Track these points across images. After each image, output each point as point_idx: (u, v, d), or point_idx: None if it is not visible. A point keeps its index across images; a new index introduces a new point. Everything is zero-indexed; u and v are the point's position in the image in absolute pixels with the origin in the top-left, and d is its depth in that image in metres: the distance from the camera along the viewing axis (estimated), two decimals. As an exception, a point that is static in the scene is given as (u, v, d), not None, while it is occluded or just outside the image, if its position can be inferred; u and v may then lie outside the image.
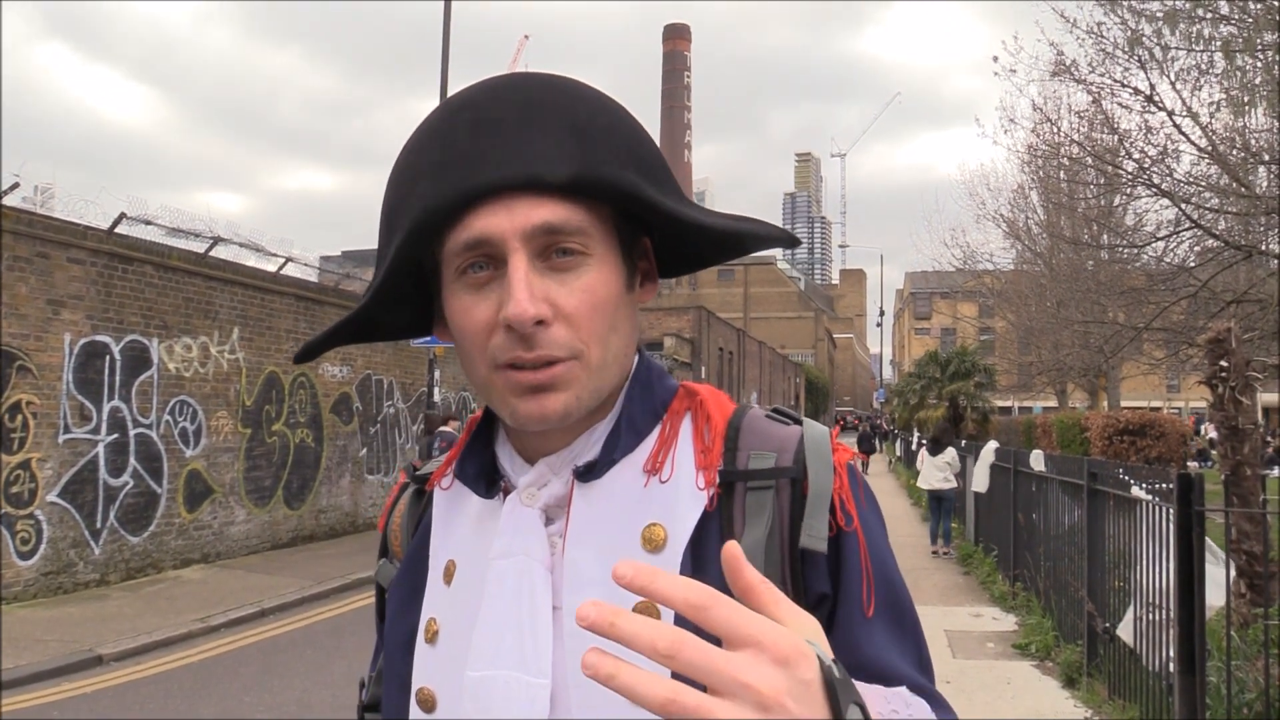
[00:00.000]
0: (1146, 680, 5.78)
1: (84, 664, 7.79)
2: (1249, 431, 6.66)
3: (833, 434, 0.96)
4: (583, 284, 0.87)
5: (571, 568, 0.90)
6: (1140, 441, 14.79)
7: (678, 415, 0.97)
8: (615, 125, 0.90)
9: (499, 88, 0.90)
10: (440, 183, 0.85)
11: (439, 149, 0.87)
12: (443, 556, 0.99)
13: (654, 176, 0.91)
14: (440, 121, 0.90)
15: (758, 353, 56.16)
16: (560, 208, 0.85)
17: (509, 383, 0.88)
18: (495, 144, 0.85)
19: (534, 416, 0.88)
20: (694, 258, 1.03)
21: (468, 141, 0.86)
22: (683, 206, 0.92)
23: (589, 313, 0.87)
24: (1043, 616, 8.72)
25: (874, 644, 0.89)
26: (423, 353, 16.41)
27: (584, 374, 0.88)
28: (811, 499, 0.90)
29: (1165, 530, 5.35)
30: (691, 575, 0.87)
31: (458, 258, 0.87)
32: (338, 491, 15.22)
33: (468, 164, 0.85)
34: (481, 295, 0.87)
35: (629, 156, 0.89)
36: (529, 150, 0.85)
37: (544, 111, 0.87)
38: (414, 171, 0.89)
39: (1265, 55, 8.41)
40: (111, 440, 10.84)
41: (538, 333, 0.85)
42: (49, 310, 10.11)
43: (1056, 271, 20.93)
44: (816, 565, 0.90)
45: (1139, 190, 11.79)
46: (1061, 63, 11.03)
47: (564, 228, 0.86)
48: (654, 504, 0.91)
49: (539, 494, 0.94)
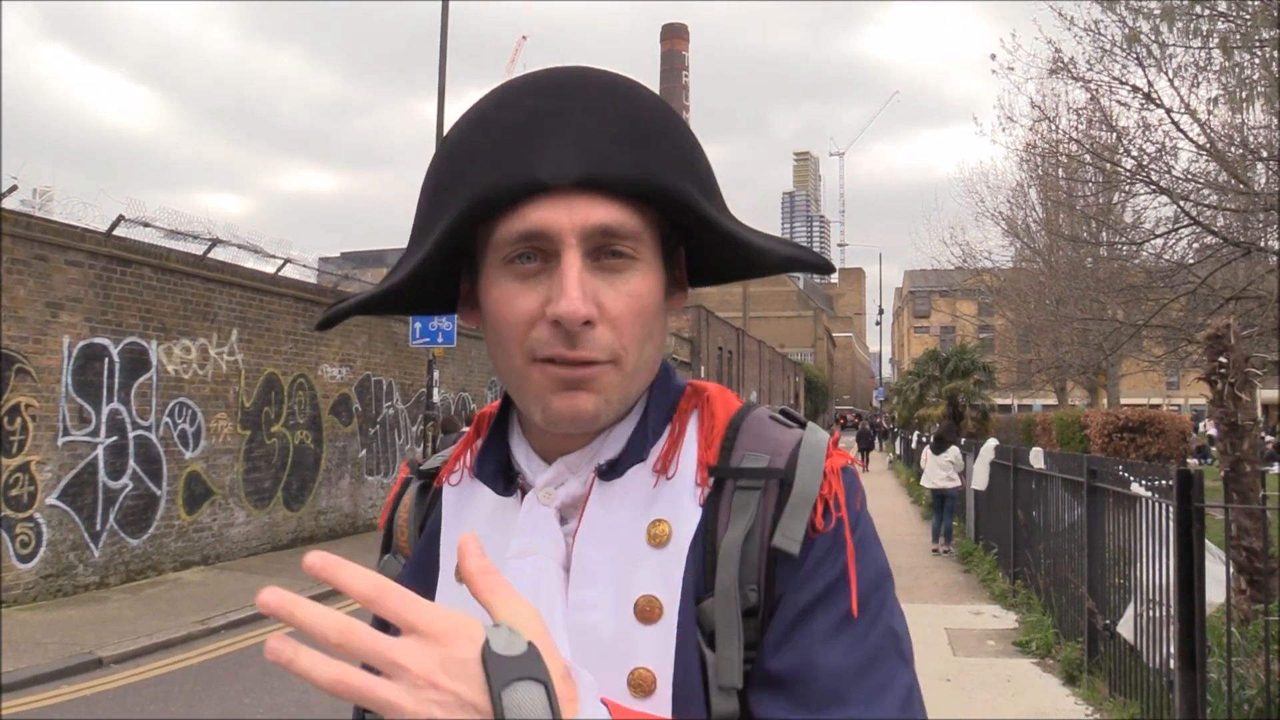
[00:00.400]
0: (1147, 677, 5.79)
1: (84, 666, 7.79)
2: (1248, 428, 6.65)
3: (833, 438, 0.96)
4: (630, 288, 0.87)
5: (579, 563, 0.90)
6: (1140, 438, 14.80)
7: (685, 414, 0.98)
8: (676, 134, 0.91)
9: (564, 79, 0.90)
10: (499, 169, 0.84)
11: (499, 133, 0.86)
12: (454, 554, 0.96)
13: (707, 189, 0.91)
14: (501, 105, 0.89)
15: (757, 352, 56.18)
16: (618, 210, 0.85)
17: (545, 376, 0.87)
18: (558, 137, 0.84)
19: (565, 415, 0.87)
20: (722, 271, 1.03)
21: (529, 130, 0.85)
22: (732, 223, 0.93)
23: (632, 318, 0.87)
24: (1043, 614, 8.72)
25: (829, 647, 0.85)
26: (422, 353, 16.40)
27: (618, 379, 0.88)
28: (793, 501, 0.90)
29: (1165, 527, 5.35)
30: (692, 569, 0.89)
31: (508, 246, 0.86)
32: (337, 493, 15.22)
33: (528, 154, 0.84)
34: (527, 286, 0.86)
35: (687, 167, 0.89)
36: (592, 148, 0.84)
37: (608, 111, 0.87)
38: (469, 152, 0.88)
39: (1263, 51, 8.41)
40: (111, 443, 10.83)
41: (583, 332, 0.85)
42: (47, 313, 10.10)
43: (1055, 269, 20.95)
44: (789, 566, 0.88)
45: (1137, 187, 11.79)
46: (1060, 60, 11.04)
47: (619, 230, 0.86)
48: (661, 500, 0.91)
49: (556, 493, 0.93)
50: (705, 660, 0.87)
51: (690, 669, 0.86)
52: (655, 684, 0.85)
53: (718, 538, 0.90)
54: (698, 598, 0.88)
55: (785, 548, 0.88)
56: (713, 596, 0.88)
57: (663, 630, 0.86)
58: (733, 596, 0.87)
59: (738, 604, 0.87)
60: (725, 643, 0.87)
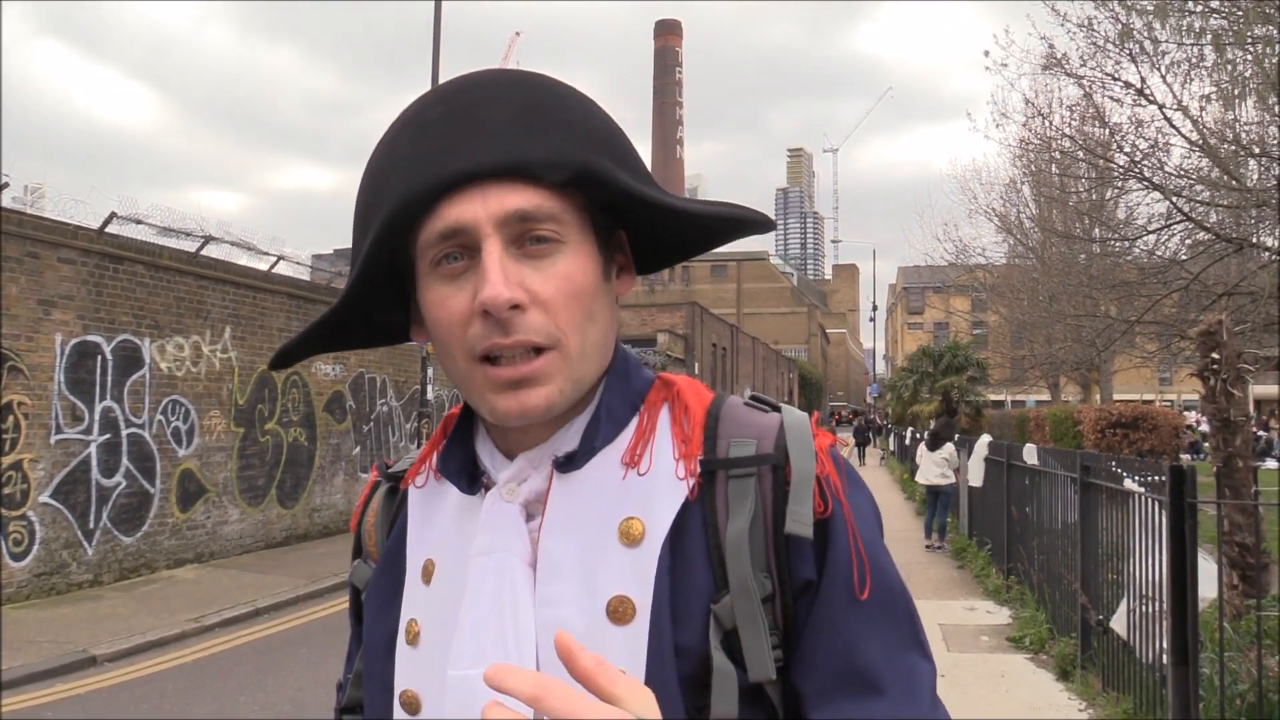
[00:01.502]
0: (1140, 672, 5.80)
1: (78, 665, 7.77)
2: (1241, 423, 6.68)
3: (812, 418, 0.95)
4: (558, 270, 0.86)
5: (546, 558, 0.89)
6: (1133, 434, 14.80)
7: (654, 406, 0.96)
8: (587, 115, 0.90)
9: (471, 82, 0.90)
10: (414, 175, 0.85)
11: (411, 143, 0.87)
12: (420, 556, 0.97)
13: (624, 162, 0.90)
14: (413, 117, 0.90)
15: (751, 348, 56.20)
16: (533, 194, 0.85)
17: (488, 378, 0.87)
18: (467, 134, 0.85)
19: (513, 413, 0.87)
20: (674, 249, 1.02)
21: (440, 134, 0.86)
22: (659, 193, 0.92)
23: (565, 299, 0.87)
24: (1036, 610, 8.74)
25: (861, 629, 0.88)
26: (416, 350, 16.39)
27: (564, 365, 0.87)
28: (795, 484, 0.90)
29: (1158, 523, 5.36)
30: (671, 568, 0.87)
31: (432, 249, 0.86)
32: (331, 490, 15.20)
33: (441, 155, 0.85)
34: (457, 285, 0.86)
35: (602, 144, 0.89)
36: (501, 138, 0.84)
37: (515, 102, 0.87)
38: (387, 168, 0.88)
39: (1255, 48, 8.42)
40: (104, 440, 10.81)
41: (514, 317, 0.84)
42: (40, 310, 10.07)
43: (1048, 265, 20.97)
44: (801, 551, 0.89)
45: (1130, 184, 11.82)
46: (1053, 56, 11.04)
47: (537, 214, 0.85)
48: (631, 497, 0.90)
49: (519, 489, 0.92)
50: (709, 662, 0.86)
51: (665, 670, 0.85)
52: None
53: (720, 532, 0.89)
54: (711, 595, 0.88)
55: (799, 533, 0.88)
56: (728, 593, 0.87)
57: (635, 631, 0.85)
58: (751, 588, 0.87)
59: (757, 595, 0.87)
60: (751, 636, 0.86)
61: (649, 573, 0.87)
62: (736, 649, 0.86)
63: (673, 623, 0.86)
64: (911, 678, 0.89)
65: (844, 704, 0.86)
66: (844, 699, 0.87)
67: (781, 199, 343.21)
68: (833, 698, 0.87)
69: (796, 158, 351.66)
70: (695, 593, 0.88)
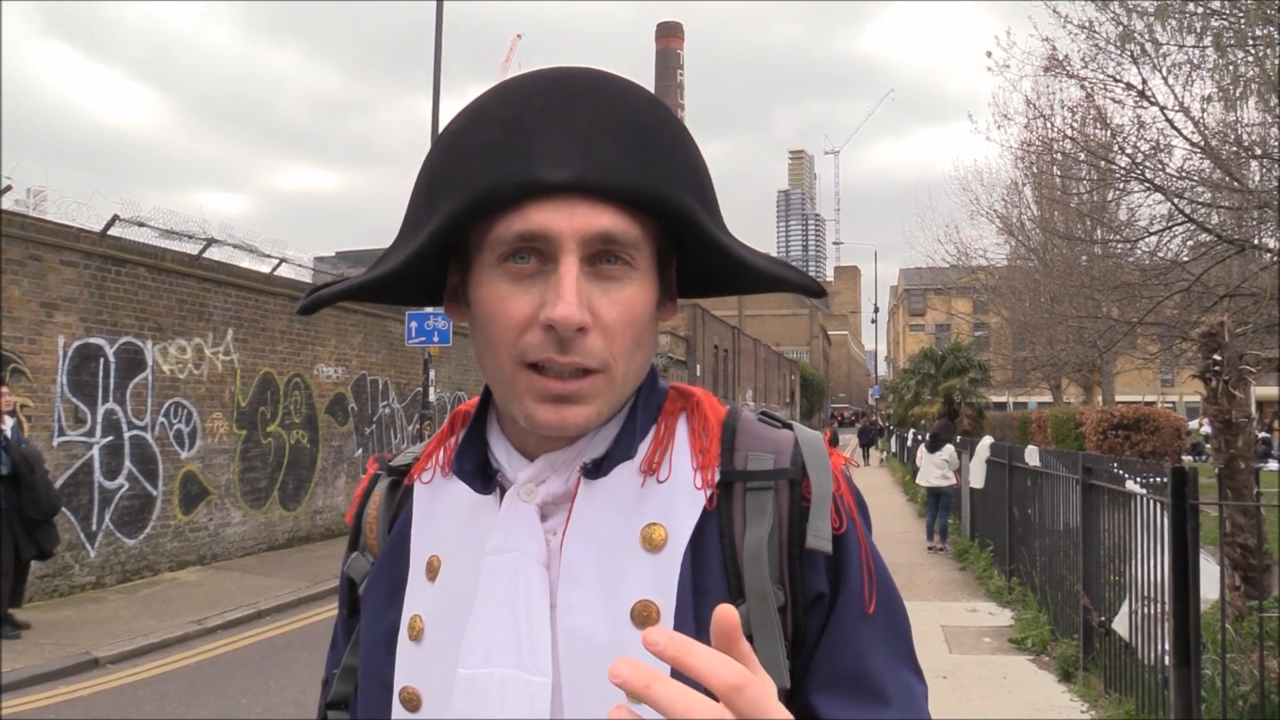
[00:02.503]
0: (1142, 674, 5.80)
1: (80, 667, 7.78)
2: (1242, 425, 6.68)
3: (824, 437, 0.97)
4: (624, 297, 0.86)
5: (568, 564, 0.89)
6: (1135, 436, 14.81)
7: (671, 416, 0.97)
8: (681, 144, 0.89)
9: (569, 78, 0.88)
10: (500, 166, 0.83)
11: (500, 130, 0.84)
12: (425, 552, 0.97)
13: (708, 204, 0.91)
14: (504, 101, 0.87)
15: (753, 350, 56.19)
16: (619, 218, 0.84)
17: (533, 386, 0.86)
18: (562, 137, 0.83)
19: (552, 425, 0.87)
20: (709, 284, 1.02)
21: (533, 128, 0.83)
22: (730, 240, 0.92)
23: (624, 327, 0.86)
24: (1039, 611, 8.74)
25: (869, 643, 0.91)
26: (417, 353, 16.39)
27: (607, 389, 0.88)
28: (815, 501, 0.91)
29: (1160, 524, 5.36)
30: (691, 575, 0.88)
31: (504, 245, 0.85)
32: (333, 492, 15.21)
33: (531, 152, 0.82)
34: (521, 288, 0.85)
35: (691, 179, 0.88)
36: (596, 152, 0.83)
37: (614, 114, 0.85)
38: (469, 146, 0.86)
39: (1256, 49, 8.43)
40: (106, 443, 10.82)
41: (576, 339, 0.83)
42: (42, 313, 10.08)
43: (1050, 267, 20.97)
44: (816, 565, 0.91)
45: (1132, 185, 11.81)
46: (1055, 58, 11.05)
47: (620, 239, 0.84)
48: (652, 504, 0.91)
49: (537, 490, 0.92)
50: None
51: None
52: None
53: (736, 542, 0.90)
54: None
55: (820, 547, 0.90)
56: (743, 601, 0.88)
57: None
58: (770, 597, 0.88)
59: (774, 604, 0.88)
60: (766, 645, 0.87)
61: (672, 578, 0.87)
62: None
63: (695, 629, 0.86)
64: (911, 691, 0.92)
65: (852, 708, 0.88)
66: (852, 704, 0.88)
67: (783, 201, 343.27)
68: (842, 702, 0.89)
69: (798, 159, 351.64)
70: (710, 600, 0.88)
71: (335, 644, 1.11)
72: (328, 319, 15.08)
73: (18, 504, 8.19)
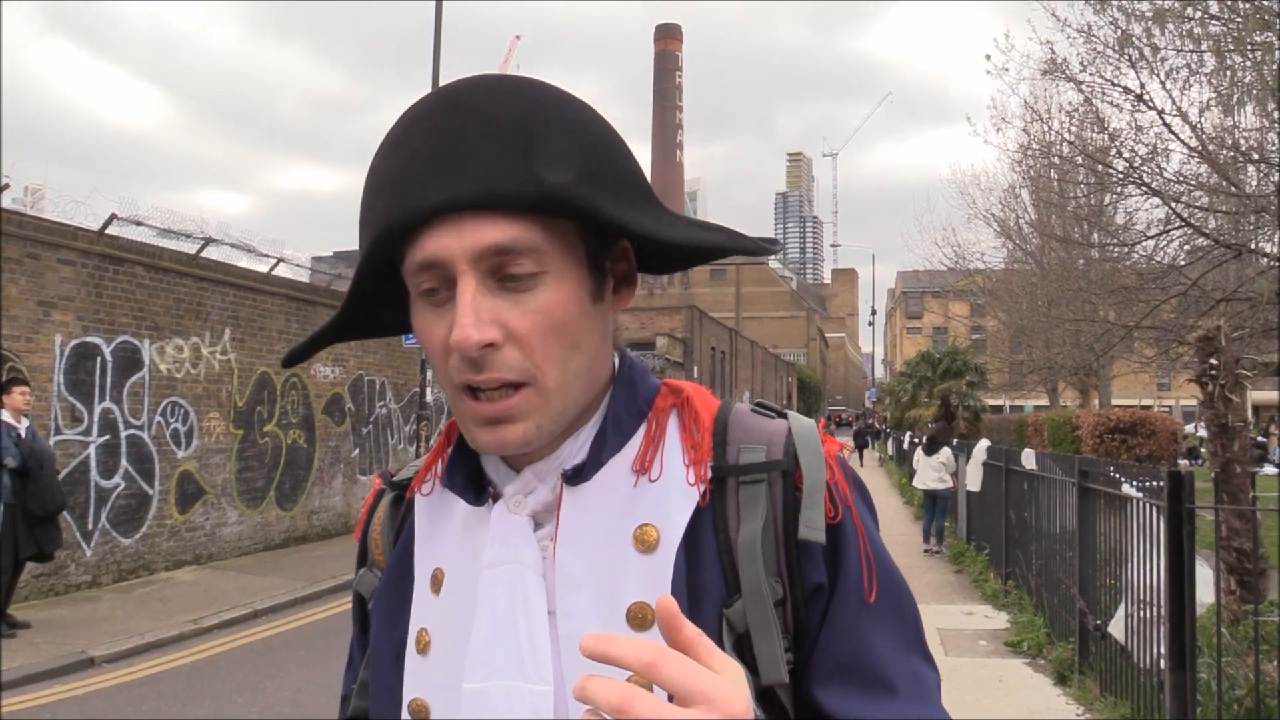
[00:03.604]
0: (1138, 677, 5.80)
1: (76, 666, 7.77)
2: (1239, 429, 6.69)
3: (819, 425, 0.97)
4: (537, 304, 0.84)
5: (562, 570, 0.89)
6: (1131, 439, 14.81)
7: (662, 413, 0.96)
8: (574, 134, 0.86)
9: (463, 94, 0.86)
10: (395, 199, 0.83)
11: (400, 159, 0.85)
12: (429, 565, 0.97)
13: (616, 187, 0.87)
14: (406, 127, 0.87)
15: (750, 352, 56.20)
16: (511, 227, 0.82)
17: (469, 410, 0.87)
18: (448, 158, 0.82)
19: (492, 446, 0.88)
20: (674, 260, 1.00)
21: (423, 154, 0.83)
22: (644, 219, 0.89)
23: (543, 335, 0.85)
24: (1034, 614, 8.75)
25: (872, 632, 0.90)
26: (415, 353, 16.40)
27: (540, 400, 0.86)
28: (807, 491, 0.90)
29: (1156, 528, 5.36)
30: (685, 573, 0.88)
31: (415, 276, 0.86)
32: (330, 492, 15.20)
33: (421, 180, 0.82)
34: (439, 315, 0.86)
35: (585, 168, 0.85)
36: (479, 165, 0.82)
37: (498, 122, 0.83)
38: (377, 182, 0.87)
39: (1254, 55, 8.44)
40: (103, 442, 10.81)
41: (487, 355, 0.83)
42: (39, 311, 10.07)
43: (1047, 270, 20.99)
44: (812, 556, 0.90)
45: (1129, 189, 11.81)
46: (1053, 61, 11.06)
47: (514, 247, 0.83)
48: (644, 504, 0.90)
49: (526, 500, 0.92)
50: None
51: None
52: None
53: (731, 537, 0.90)
54: (723, 601, 0.88)
55: (813, 538, 0.89)
56: (740, 597, 0.88)
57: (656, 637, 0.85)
58: (765, 592, 0.88)
59: (770, 599, 0.88)
60: (764, 640, 0.87)
61: (666, 577, 0.87)
62: (748, 653, 0.87)
63: None
64: (920, 679, 0.91)
65: (857, 699, 0.88)
66: (857, 695, 0.88)
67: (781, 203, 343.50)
68: (846, 693, 0.88)
69: (796, 162, 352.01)
70: (708, 597, 0.88)
71: (351, 661, 1.11)
72: (325, 318, 15.04)
73: (23, 500, 8.21)
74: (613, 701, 0.62)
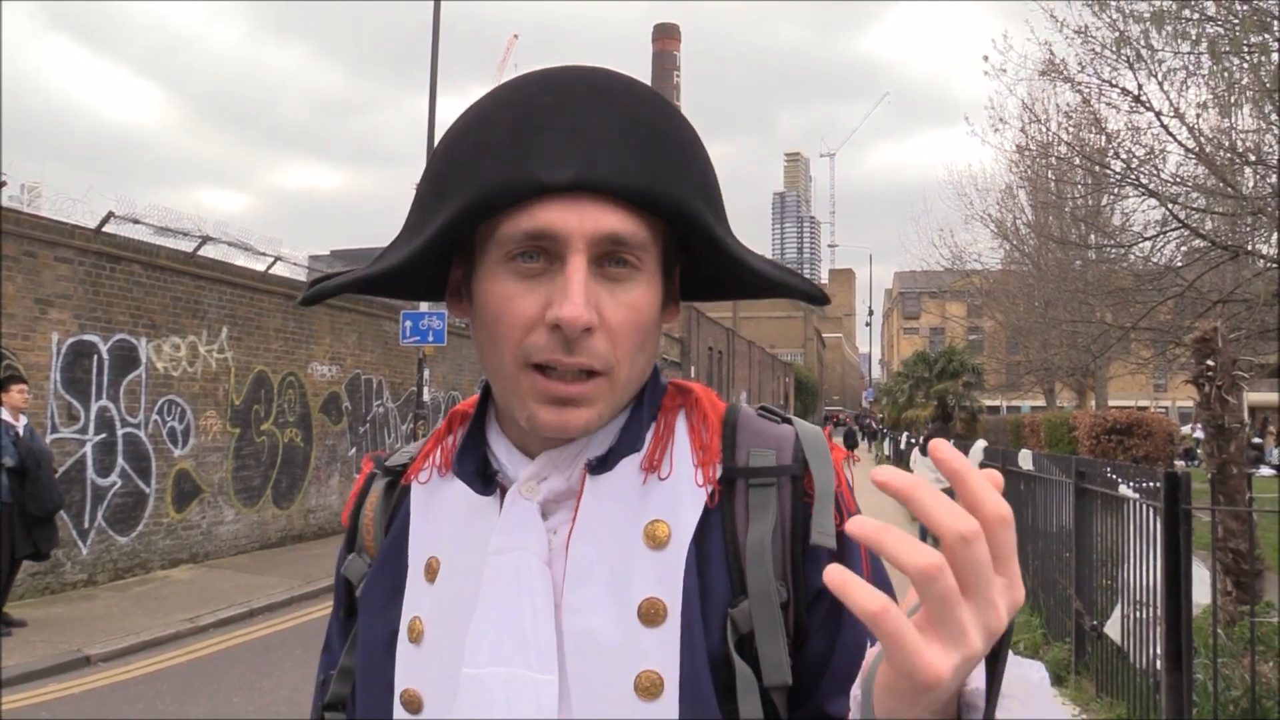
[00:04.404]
0: (1134, 678, 5.81)
1: (72, 664, 7.75)
2: (1235, 430, 6.70)
3: (824, 432, 0.97)
4: (630, 298, 0.86)
5: (575, 564, 0.89)
6: (1128, 440, 14.83)
7: (671, 413, 0.97)
8: (691, 147, 0.89)
9: (582, 79, 0.87)
10: (512, 164, 0.82)
11: (509, 128, 0.84)
12: (424, 553, 0.96)
13: (716, 209, 0.90)
14: (513, 98, 0.86)
15: (747, 352, 56.21)
16: (628, 219, 0.84)
17: (536, 387, 0.86)
18: (570, 136, 0.82)
19: (553, 427, 0.86)
20: (711, 288, 1.02)
21: (541, 126, 0.83)
22: (737, 245, 0.92)
23: (629, 329, 0.86)
24: (1031, 614, 8.75)
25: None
26: (412, 352, 16.38)
27: (609, 392, 0.87)
28: (819, 497, 0.91)
29: (1153, 528, 5.37)
30: (696, 573, 0.88)
31: (512, 243, 0.84)
32: (327, 491, 15.18)
33: (541, 152, 0.82)
34: (529, 287, 0.85)
35: (700, 183, 0.88)
36: (605, 153, 0.82)
37: (626, 116, 0.84)
38: (477, 143, 0.85)
39: (1251, 56, 8.45)
40: (99, 440, 10.79)
41: (582, 339, 0.83)
42: (36, 309, 10.05)
43: (1044, 271, 21.00)
44: (819, 562, 0.90)
45: (1126, 190, 11.84)
46: (1051, 62, 11.08)
47: (629, 240, 0.84)
48: (655, 501, 0.91)
49: (539, 487, 0.92)
50: (732, 665, 0.86)
51: (698, 671, 0.85)
52: (663, 686, 0.84)
53: (739, 539, 0.90)
54: (729, 601, 0.88)
55: (825, 544, 0.89)
56: (746, 598, 0.88)
57: (668, 632, 0.86)
58: (773, 595, 0.88)
59: (777, 602, 0.88)
60: (769, 642, 0.87)
61: (677, 574, 0.87)
62: (750, 654, 0.87)
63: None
64: None
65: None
66: None
67: (778, 203, 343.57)
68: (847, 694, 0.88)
69: (794, 162, 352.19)
70: (715, 597, 0.88)
71: (329, 645, 1.10)
72: (322, 317, 15.06)
73: (20, 499, 8.19)
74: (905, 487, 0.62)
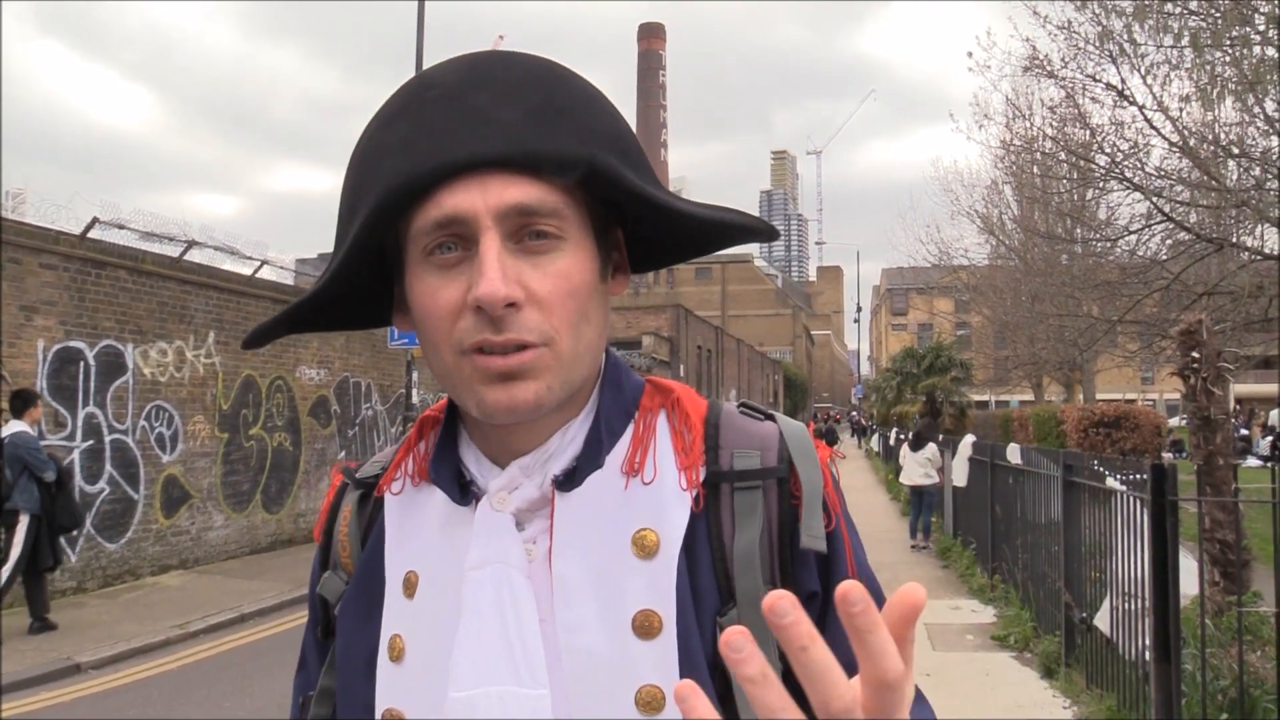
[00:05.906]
0: (1123, 669, 5.84)
1: (62, 672, 7.72)
2: (1221, 422, 6.73)
3: (808, 428, 0.95)
4: (556, 268, 0.83)
5: (561, 583, 0.86)
6: (1115, 433, 14.91)
7: (650, 413, 0.94)
8: (591, 104, 0.86)
9: (463, 64, 0.86)
10: (410, 158, 0.81)
11: (407, 126, 0.83)
12: (400, 568, 0.92)
13: (632, 161, 0.87)
14: (408, 99, 0.85)
15: (736, 350, 56.25)
16: (535, 188, 0.81)
17: (476, 369, 0.83)
18: (467, 120, 0.81)
19: (502, 406, 0.83)
20: (668, 251, 0.99)
21: (438, 117, 0.82)
22: (666, 194, 0.88)
23: (561, 298, 0.83)
24: (1021, 608, 8.79)
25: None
26: (401, 354, 16.35)
27: (555, 363, 0.84)
28: (807, 499, 0.89)
29: (1140, 521, 5.40)
30: (687, 577, 0.86)
31: (426, 236, 0.82)
32: (316, 495, 15.13)
33: (439, 139, 0.80)
34: (449, 277, 0.83)
35: (609, 140, 0.85)
36: (503, 127, 0.81)
37: (520, 88, 0.83)
38: (380, 150, 0.84)
39: (1233, 49, 8.50)
40: (87, 447, 10.74)
41: (508, 315, 0.81)
42: (21, 316, 10.00)
43: (1031, 266, 21.07)
44: (808, 564, 0.89)
45: (1111, 184, 11.89)
46: (1034, 58, 11.12)
47: (538, 209, 0.82)
48: (639, 507, 0.88)
49: (510, 498, 0.89)
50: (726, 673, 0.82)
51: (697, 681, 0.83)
52: (665, 700, 0.82)
53: (726, 544, 0.88)
54: (718, 609, 0.86)
55: (814, 547, 0.88)
56: (734, 605, 0.86)
57: (664, 644, 0.83)
58: (760, 601, 0.86)
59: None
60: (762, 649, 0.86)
61: (669, 583, 0.85)
62: None
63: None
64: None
65: None
66: None
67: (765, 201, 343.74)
68: None
69: (780, 160, 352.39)
70: (703, 604, 0.86)
71: (304, 664, 1.05)
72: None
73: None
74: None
